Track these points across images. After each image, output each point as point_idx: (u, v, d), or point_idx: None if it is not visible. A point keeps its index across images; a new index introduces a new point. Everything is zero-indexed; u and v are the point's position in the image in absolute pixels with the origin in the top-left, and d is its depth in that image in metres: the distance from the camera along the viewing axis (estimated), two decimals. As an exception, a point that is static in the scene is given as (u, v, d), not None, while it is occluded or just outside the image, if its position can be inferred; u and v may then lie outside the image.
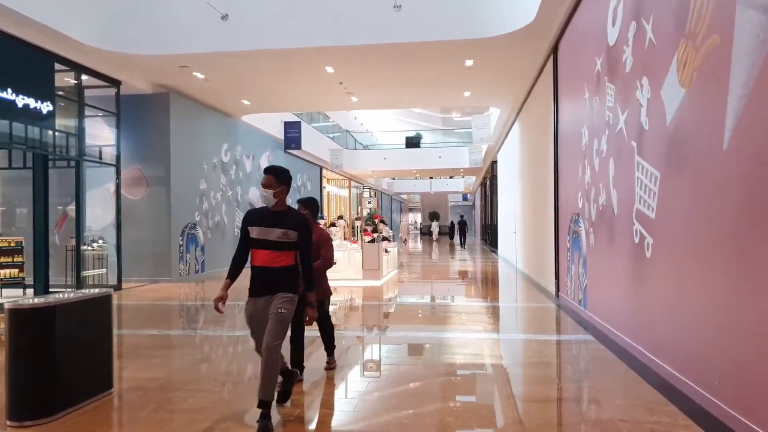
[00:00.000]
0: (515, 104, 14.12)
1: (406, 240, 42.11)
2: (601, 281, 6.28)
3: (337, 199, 33.11)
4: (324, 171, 27.43)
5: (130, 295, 10.18)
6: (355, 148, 31.08)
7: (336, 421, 3.62)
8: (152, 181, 12.68)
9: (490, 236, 27.54)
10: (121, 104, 11.72)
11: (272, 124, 19.24)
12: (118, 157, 11.59)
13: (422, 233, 55.51)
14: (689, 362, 3.92)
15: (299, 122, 20.37)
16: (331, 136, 29.90)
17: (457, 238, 37.50)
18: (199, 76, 11.86)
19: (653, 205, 4.55)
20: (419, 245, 33.53)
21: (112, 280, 11.22)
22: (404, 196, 58.56)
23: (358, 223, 12.90)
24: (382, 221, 13.34)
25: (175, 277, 12.61)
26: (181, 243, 13.00)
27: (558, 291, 8.98)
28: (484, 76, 11.88)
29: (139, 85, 11.95)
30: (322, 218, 13.20)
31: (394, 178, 47.26)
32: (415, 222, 61.59)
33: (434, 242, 33.84)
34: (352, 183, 35.80)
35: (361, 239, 11.92)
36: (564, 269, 8.52)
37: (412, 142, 32.36)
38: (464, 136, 36.37)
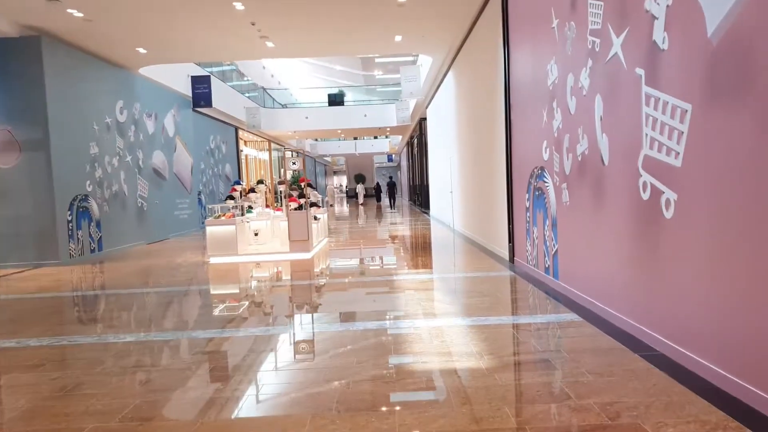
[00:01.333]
0: (450, 50, 12.87)
1: (332, 204, 40.96)
2: (583, 247, 5.26)
3: (256, 163, 30.94)
4: (241, 132, 25.22)
5: (2, 285, 8.20)
6: (264, 106, 28.87)
7: None
8: (26, 146, 10.43)
9: (419, 197, 26.67)
10: (-26, 49, 9.38)
11: (178, 79, 16.95)
12: (-25, 116, 9.28)
13: (348, 196, 54.22)
14: (746, 360, 2.91)
15: (208, 76, 18.16)
16: (248, 95, 27.55)
17: (385, 200, 36.64)
18: (76, 14, 9.65)
19: (678, 150, 3.46)
20: (346, 209, 32.23)
21: (-22, 268, 9.12)
22: (328, 159, 56.71)
23: (281, 188, 11.33)
24: (309, 185, 11.84)
25: (64, 259, 10.58)
26: (69, 218, 10.91)
27: (513, 256, 8.01)
28: (418, 17, 10.49)
29: (-4, 25, 9.59)
30: (238, 183, 11.52)
31: (317, 140, 45.32)
32: (341, 185, 60.11)
33: (360, 206, 32.56)
34: (273, 145, 33.61)
35: (286, 206, 10.42)
36: (521, 232, 7.52)
37: (335, 100, 30.65)
38: (388, 95, 34.96)
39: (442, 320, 4.85)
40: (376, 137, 45.26)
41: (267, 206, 13.00)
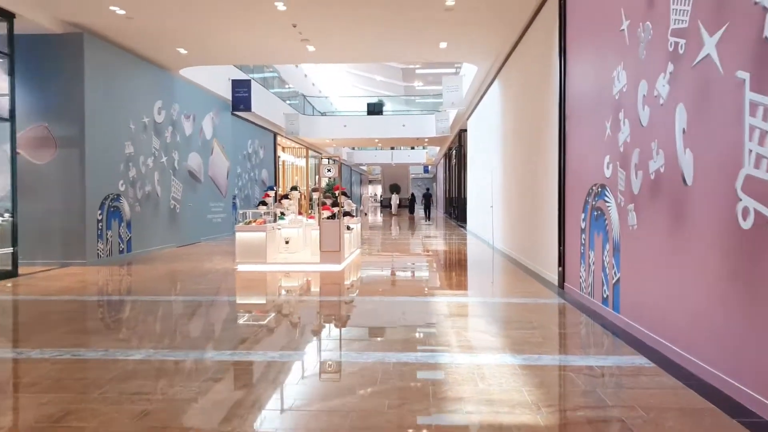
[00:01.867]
0: (497, 59, 12.25)
1: (367, 213, 40.68)
2: (654, 280, 4.56)
3: (293, 169, 30.81)
4: (279, 138, 25.08)
5: (24, 285, 7.96)
6: (304, 113, 28.71)
7: None
8: (62, 143, 10.30)
9: (456, 210, 25.97)
10: (20, 45, 9.27)
11: (218, 82, 16.83)
12: (11, 111, 9.14)
13: (383, 206, 53.79)
14: None
15: (249, 80, 17.99)
16: (289, 102, 27.48)
17: (420, 212, 36.07)
18: (119, 11, 9.47)
19: (798, 170, 2.79)
20: (380, 219, 31.76)
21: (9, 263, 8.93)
22: (364, 168, 56.50)
23: (315, 196, 10.89)
24: (344, 193, 11.38)
25: (91, 259, 10.36)
26: (100, 217, 10.71)
27: (563, 281, 7.30)
28: (465, 22, 9.94)
29: (42, 22, 9.47)
30: (272, 189, 11.14)
31: (354, 148, 45.13)
32: (376, 194, 59.80)
33: (394, 216, 31.97)
34: (310, 152, 33.48)
35: (319, 214, 9.96)
36: (574, 255, 6.82)
37: (374, 109, 30.32)
38: (428, 106, 34.45)
39: (488, 356, 4.23)
40: (413, 148, 44.77)
41: (300, 213, 12.59)
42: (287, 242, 11.22)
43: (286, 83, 29.10)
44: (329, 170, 9.69)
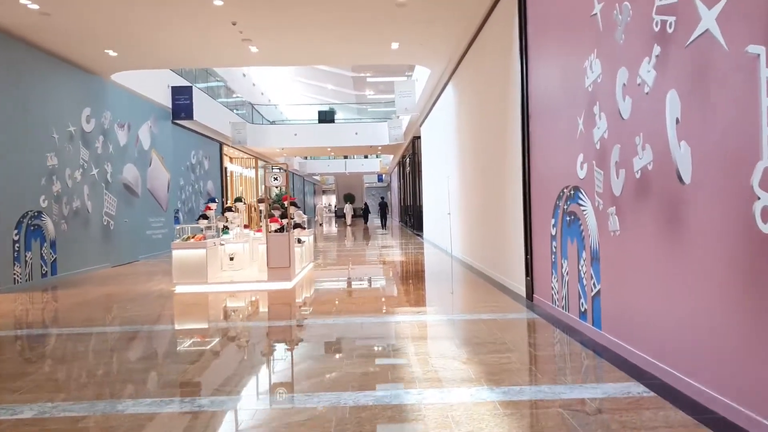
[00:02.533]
0: (451, 60, 11.78)
1: (322, 224, 39.79)
2: (643, 292, 4.02)
3: (242, 180, 29.64)
4: (225, 148, 23.97)
5: None
6: (252, 122, 27.70)
7: None
8: (-31, 154, 9.11)
9: (411, 218, 25.48)
10: None
11: (157, 89, 15.73)
12: None
13: (337, 216, 52.91)
14: None
15: (190, 87, 16.97)
16: (237, 112, 26.40)
17: (375, 221, 35.46)
18: (31, 5, 8.44)
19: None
20: (335, 229, 30.96)
21: None
22: (317, 178, 55.55)
23: (262, 207, 10.05)
24: (293, 204, 10.57)
25: (6, 285, 9.17)
26: (16, 238, 9.52)
27: (532, 293, 6.76)
28: (418, 20, 9.39)
29: (-66, 15, 8.34)
30: (213, 201, 10.23)
31: (306, 158, 44.19)
32: (330, 204, 58.90)
33: (349, 226, 31.12)
34: (261, 162, 32.35)
35: (267, 227, 9.14)
36: (544, 265, 6.28)
37: (326, 118, 29.58)
38: (380, 114, 33.94)
39: (461, 392, 3.57)
40: (366, 156, 44.26)
41: (247, 227, 11.71)
42: (232, 259, 10.33)
43: (234, 93, 28.02)
44: (276, 179, 8.89)
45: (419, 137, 21.87)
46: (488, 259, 9.27)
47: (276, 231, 8.88)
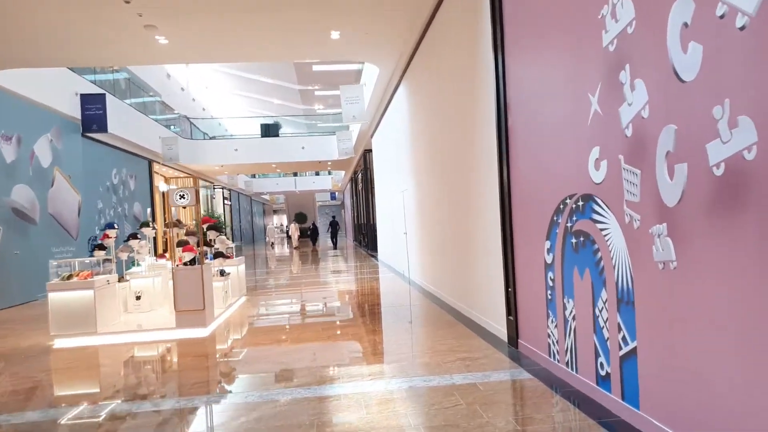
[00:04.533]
0: (403, 54, 10.19)
1: (273, 245, 37.59)
2: (728, 363, 2.39)
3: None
4: (157, 166, 21.67)
5: None
6: (192, 137, 25.50)
7: None
8: None
9: (365, 237, 23.75)
10: None
11: (60, 97, 13.49)
12: None
13: (289, 236, 50.58)
14: None
15: (103, 95, 14.77)
16: (174, 129, 24.18)
17: (327, 241, 33.51)
18: None
19: None
20: (285, 251, 28.84)
21: None
22: (266, 197, 53.15)
23: (173, 233, 8.07)
24: (214, 227, 8.64)
25: None
26: None
27: (516, 336, 5.10)
28: (361, 4, 7.77)
29: None
30: (112, 227, 8.18)
31: (254, 176, 41.89)
32: (282, 225, 56.49)
33: (295, 249, 28.85)
34: (204, 182, 29.98)
35: (173, 260, 7.20)
36: (535, 301, 4.64)
37: (269, 132, 27.64)
38: (329, 129, 32.28)
39: None
40: (317, 173, 42.41)
41: (162, 256, 9.66)
42: (138, 298, 8.29)
43: (173, 109, 25.76)
44: (182, 196, 6.97)
45: (371, 150, 20.27)
46: (455, 289, 7.59)
47: (184, 264, 6.94)
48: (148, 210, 11.53)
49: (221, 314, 7.87)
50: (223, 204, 35.06)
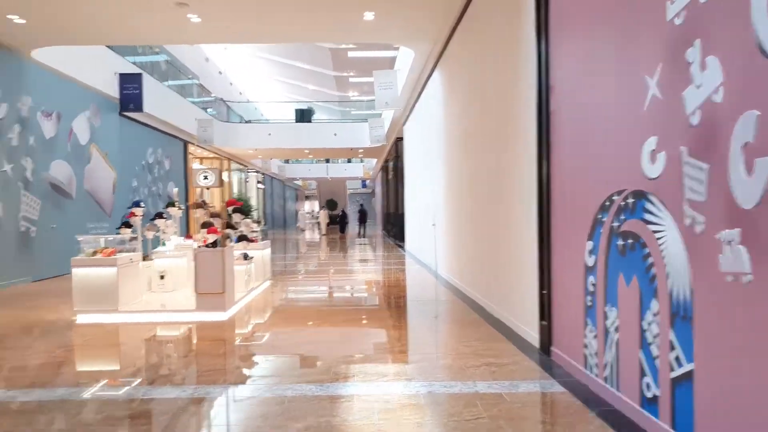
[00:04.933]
0: (439, 38, 9.76)
1: (304, 230, 37.75)
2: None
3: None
4: (192, 148, 21.76)
5: None
6: (229, 121, 25.52)
7: None
8: None
9: (394, 227, 23.43)
10: None
11: (100, 76, 13.53)
12: None
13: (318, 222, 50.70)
14: None
15: (140, 74, 14.76)
16: (211, 111, 24.29)
17: (353, 229, 33.33)
18: None
19: None
20: (314, 237, 28.80)
21: None
22: (299, 182, 53.32)
23: (198, 214, 7.90)
24: (239, 210, 8.44)
25: None
26: None
27: (549, 343, 4.72)
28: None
29: None
30: (138, 205, 8.07)
31: (288, 161, 42.00)
32: (313, 210, 56.70)
33: (323, 236, 28.60)
34: (239, 166, 30.12)
35: (198, 242, 7.03)
36: (572, 307, 4.24)
37: (303, 117, 27.53)
38: (364, 117, 32.02)
39: None
40: (349, 160, 42.24)
41: (189, 237, 9.54)
42: (162, 277, 8.18)
43: (210, 92, 25.84)
44: (206, 177, 6.77)
45: (402, 138, 19.87)
46: (485, 288, 7.21)
47: (205, 247, 6.76)
48: (175, 189, 11.42)
49: (242, 298, 7.69)
50: (257, 188, 35.23)
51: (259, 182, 36.08)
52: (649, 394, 3.13)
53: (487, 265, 6.99)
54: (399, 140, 20.83)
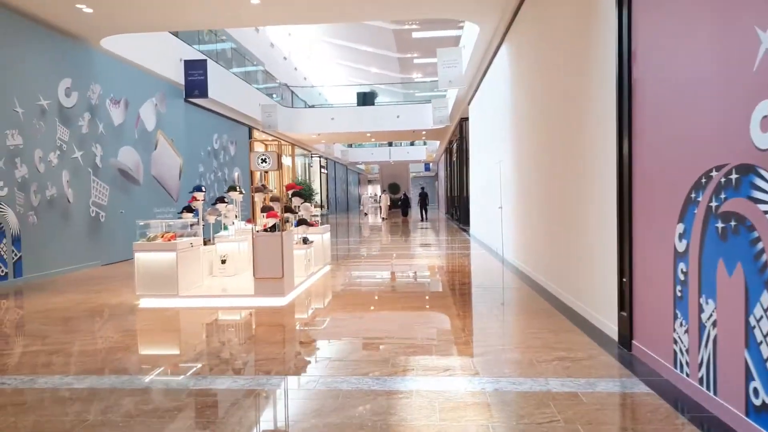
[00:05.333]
0: (505, 11, 9.20)
1: (367, 213, 37.96)
2: None
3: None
4: (257, 133, 22.12)
5: None
6: (293, 106, 25.73)
7: None
8: None
9: (458, 210, 22.92)
10: None
11: (165, 63, 13.85)
12: None
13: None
14: None
15: (205, 60, 15.00)
16: (276, 98, 24.58)
17: (415, 213, 33.02)
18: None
19: None
20: (378, 220, 28.74)
21: None
22: (361, 167, 53.51)
23: (258, 198, 7.83)
24: (298, 194, 8.33)
25: (-60, 294, 7.40)
26: (-40, 234, 7.74)
27: (630, 336, 4.26)
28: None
29: None
30: (200, 189, 8.13)
31: (350, 145, 42.15)
32: (376, 194, 56.87)
33: (384, 220, 28.34)
34: (303, 151, 30.46)
35: (257, 226, 6.96)
36: (660, 297, 3.78)
37: (365, 100, 27.37)
38: (427, 99, 31.61)
39: None
40: (412, 143, 41.83)
41: (250, 221, 9.57)
42: (223, 262, 8.22)
43: (275, 78, 26.13)
44: (264, 160, 6.67)
45: (467, 119, 19.27)
46: (555, 274, 6.74)
47: (264, 231, 6.67)
48: (236, 174, 11.51)
49: (302, 283, 7.59)
50: (320, 172, 35.57)
51: (322, 167, 36.40)
52: (757, 402, 2.67)
53: (559, 250, 6.52)
54: (464, 121, 20.26)
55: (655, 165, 3.82)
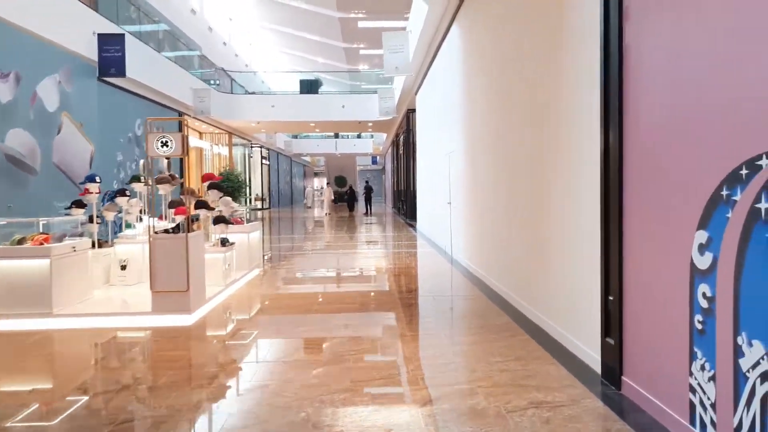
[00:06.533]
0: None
1: (311, 207, 36.66)
2: None
3: (214, 159, 26.11)
4: (189, 120, 20.36)
5: None
6: (232, 92, 24.06)
7: None
8: None
9: (404, 205, 22.00)
10: None
11: (74, 35, 12.10)
12: None
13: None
14: None
15: (122, 35, 13.29)
16: (213, 83, 22.83)
17: (361, 207, 31.96)
18: None
19: None
20: (322, 214, 27.46)
21: None
22: (307, 159, 51.88)
23: (162, 191, 6.49)
24: (215, 186, 7.06)
25: None
26: None
27: (620, 371, 3.32)
28: None
29: None
30: (93, 180, 6.70)
31: (295, 136, 40.51)
32: (320, 187, 55.41)
33: (328, 214, 26.95)
34: (242, 141, 28.71)
35: (153, 225, 5.66)
36: (669, 330, 2.83)
37: (309, 88, 25.99)
38: (372, 91, 30.48)
39: None
40: (359, 135, 40.71)
41: (161, 218, 8.19)
42: (123, 268, 6.86)
43: (214, 65, 24.28)
44: (165, 144, 5.39)
45: (414, 110, 18.33)
46: (516, 281, 5.80)
47: (165, 232, 5.39)
48: (141, 162, 10.04)
49: (218, 294, 6.34)
50: (261, 164, 33.83)
51: (263, 158, 34.66)
52: None
53: (521, 254, 5.57)
54: (411, 112, 19.31)
55: (656, 151, 2.87)
